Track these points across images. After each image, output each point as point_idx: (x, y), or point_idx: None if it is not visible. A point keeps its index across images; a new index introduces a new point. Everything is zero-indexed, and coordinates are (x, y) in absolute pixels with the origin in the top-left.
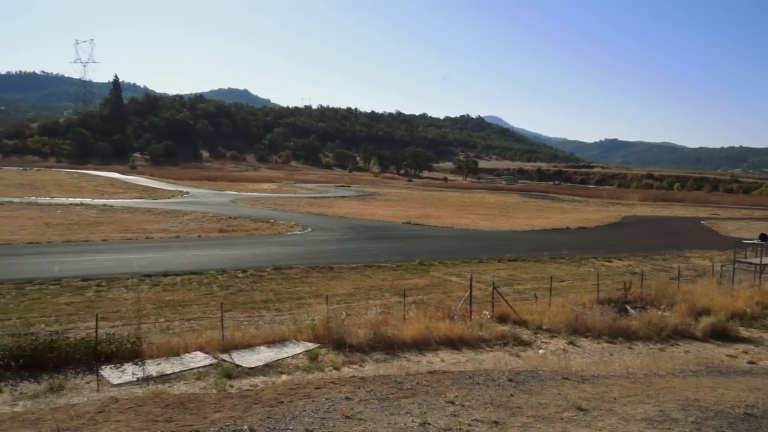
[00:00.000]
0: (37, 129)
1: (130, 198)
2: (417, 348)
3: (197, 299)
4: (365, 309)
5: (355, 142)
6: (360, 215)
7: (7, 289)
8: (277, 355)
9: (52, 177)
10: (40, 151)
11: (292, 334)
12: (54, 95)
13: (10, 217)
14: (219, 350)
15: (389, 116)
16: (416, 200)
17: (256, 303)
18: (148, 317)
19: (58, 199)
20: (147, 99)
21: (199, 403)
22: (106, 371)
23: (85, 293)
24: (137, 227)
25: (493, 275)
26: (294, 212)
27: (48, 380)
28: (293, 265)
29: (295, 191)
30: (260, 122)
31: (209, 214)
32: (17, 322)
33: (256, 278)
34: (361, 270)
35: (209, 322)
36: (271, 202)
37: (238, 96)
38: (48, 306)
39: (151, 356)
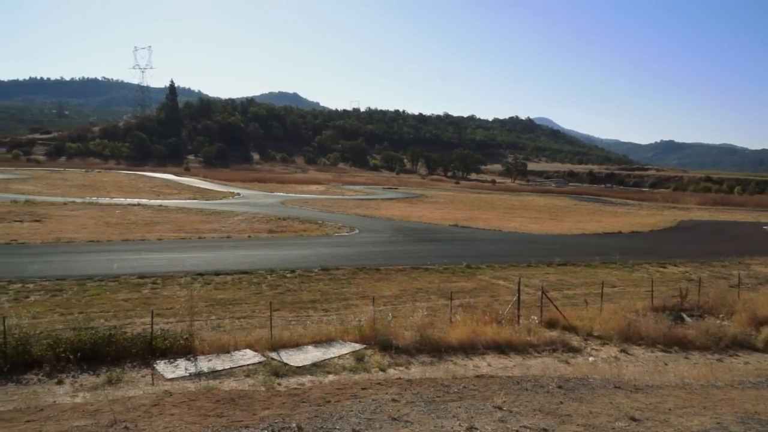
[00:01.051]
0: (98, 132)
1: (184, 199)
2: (464, 351)
3: (247, 298)
4: (411, 311)
5: (403, 145)
6: (407, 217)
7: (69, 285)
8: (324, 354)
9: (111, 178)
10: (101, 153)
11: (338, 335)
12: (114, 100)
13: (73, 216)
14: (268, 348)
15: (437, 118)
16: (463, 202)
17: (303, 303)
18: (200, 315)
19: (117, 200)
20: (201, 103)
21: (249, 399)
22: (160, 366)
23: (142, 290)
24: (190, 227)
25: (541, 279)
26: (341, 214)
27: (106, 373)
28: (340, 266)
29: (343, 193)
30: (309, 125)
31: (259, 215)
32: (78, 316)
33: (304, 278)
34: (407, 272)
35: (258, 320)
36: (319, 203)
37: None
38: (107, 302)
39: (202, 352)
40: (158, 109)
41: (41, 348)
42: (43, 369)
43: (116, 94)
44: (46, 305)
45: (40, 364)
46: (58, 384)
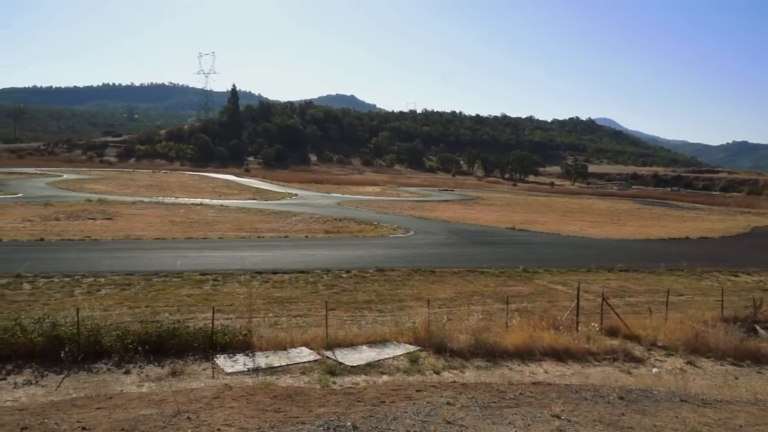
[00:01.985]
0: (164, 135)
1: (244, 199)
2: (519, 357)
3: (303, 297)
4: (467, 314)
5: (459, 146)
6: (463, 219)
7: (137, 280)
8: (378, 355)
9: (176, 179)
10: (167, 155)
11: (393, 336)
12: (180, 104)
13: (141, 214)
14: (323, 347)
15: (494, 119)
16: (521, 205)
17: (358, 303)
18: (258, 312)
19: (181, 200)
20: (261, 106)
21: (305, 396)
22: (220, 360)
23: (203, 286)
24: (250, 226)
25: (602, 285)
26: (397, 215)
27: (170, 365)
28: (395, 268)
29: (399, 194)
30: (366, 127)
31: (316, 216)
32: (145, 310)
33: (359, 279)
34: (463, 275)
35: (314, 319)
36: (374, 204)
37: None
38: (171, 297)
39: (260, 349)
40: (221, 112)
41: (111, 339)
42: (112, 359)
43: (181, 98)
44: (115, 298)
45: (110, 354)
46: (126, 374)
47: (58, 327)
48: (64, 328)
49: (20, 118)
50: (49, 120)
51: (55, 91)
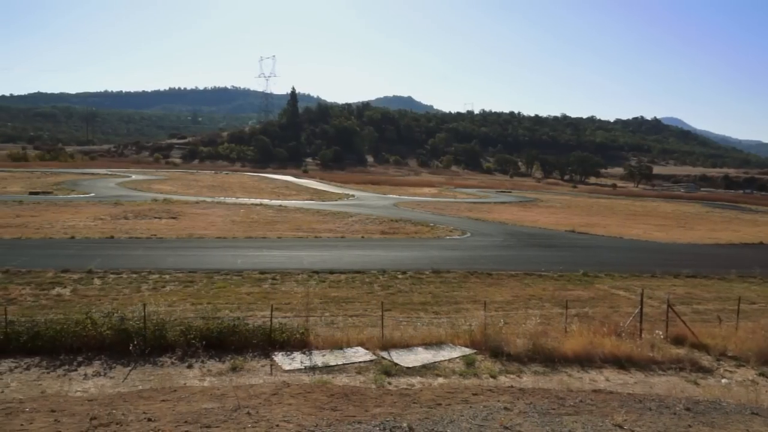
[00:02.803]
0: (226, 137)
1: (302, 199)
2: (579, 364)
3: (359, 297)
4: (524, 318)
5: (518, 147)
6: (520, 221)
7: (199, 277)
8: (434, 357)
9: (237, 180)
10: (229, 156)
11: (449, 338)
12: (242, 107)
13: (204, 214)
14: (378, 347)
15: (554, 120)
16: (581, 207)
17: (414, 304)
18: (315, 311)
19: (241, 200)
20: (319, 108)
21: (361, 396)
22: (278, 357)
23: (262, 285)
24: (308, 227)
25: (667, 292)
26: (453, 217)
27: (230, 360)
28: (452, 270)
29: (455, 196)
30: (423, 128)
31: (372, 217)
32: (207, 306)
33: (415, 280)
34: (520, 278)
35: (370, 319)
36: (431, 206)
37: (403, 103)
38: (231, 294)
39: (317, 347)
40: (280, 114)
41: (175, 334)
42: (175, 353)
43: (243, 101)
44: (179, 295)
45: (173, 348)
46: (188, 368)
47: (126, 321)
48: (131, 323)
49: (92, 122)
50: (120, 123)
51: (125, 95)
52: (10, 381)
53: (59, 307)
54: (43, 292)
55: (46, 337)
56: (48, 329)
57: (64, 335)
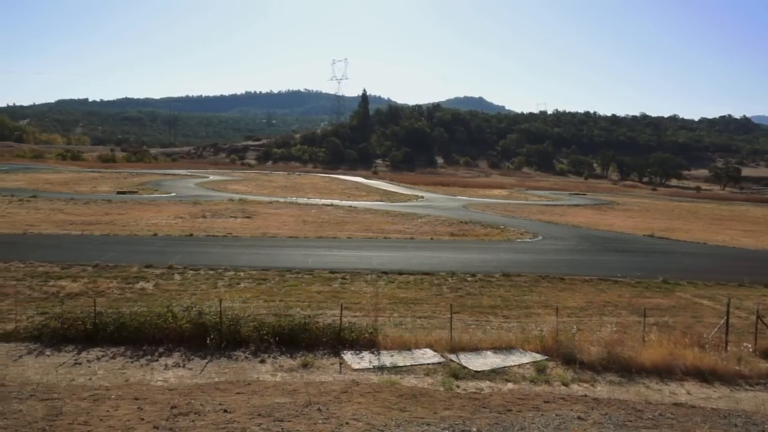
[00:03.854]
0: (299, 139)
1: (372, 200)
2: (658, 375)
3: (428, 299)
4: (598, 325)
5: (593, 148)
6: (595, 225)
7: (272, 275)
8: (503, 362)
9: (309, 180)
10: (301, 158)
11: (518, 343)
12: (314, 109)
13: (276, 214)
14: (447, 350)
15: (632, 119)
16: (661, 211)
17: (483, 308)
18: (384, 311)
19: (313, 200)
20: (389, 110)
21: (430, 398)
22: (347, 356)
23: (332, 284)
24: (377, 227)
25: (756, 302)
26: (524, 219)
27: (301, 357)
28: (522, 273)
29: (527, 198)
30: (494, 129)
31: (441, 218)
32: (279, 304)
33: (484, 283)
34: (594, 283)
35: (438, 321)
36: (501, 208)
37: (473, 104)
38: (302, 292)
39: (385, 347)
40: (351, 116)
41: (248, 329)
42: (249, 348)
43: (315, 103)
44: (253, 292)
45: (247, 343)
46: (261, 363)
47: (203, 315)
48: (208, 317)
49: (174, 125)
50: (199, 126)
51: (204, 99)
52: (97, 369)
53: (143, 300)
54: (128, 286)
55: (130, 328)
56: (132, 321)
57: (147, 327)
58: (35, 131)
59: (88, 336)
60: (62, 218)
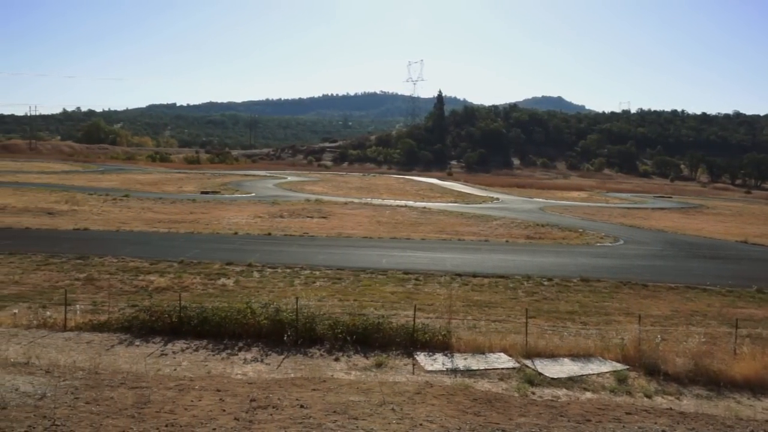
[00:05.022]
0: (374, 141)
1: (446, 202)
2: (750, 390)
3: (503, 302)
4: (685, 335)
5: (680, 149)
6: (682, 230)
7: (347, 275)
8: (581, 370)
9: (383, 182)
10: (376, 159)
11: (598, 351)
12: (389, 111)
13: (351, 214)
14: (522, 355)
15: (724, 118)
16: (756, 216)
17: (560, 313)
18: (457, 313)
19: (387, 201)
20: (465, 111)
21: (505, 403)
22: (420, 357)
23: (406, 285)
24: (451, 229)
25: None
26: (605, 222)
27: (375, 357)
28: (602, 278)
29: (607, 201)
30: (573, 129)
31: (517, 221)
32: (353, 303)
33: (561, 288)
34: (680, 291)
35: (513, 325)
36: (580, 211)
37: (552, 103)
38: (376, 293)
39: (458, 350)
40: (426, 117)
41: (323, 327)
42: (324, 346)
43: (390, 105)
44: (328, 290)
45: (322, 341)
46: (336, 361)
47: (280, 312)
48: (285, 314)
49: (255, 128)
50: (278, 128)
51: (283, 102)
52: (181, 360)
53: (223, 296)
54: (210, 282)
55: (212, 322)
56: (214, 316)
57: (228, 322)
58: (128, 134)
59: (174, 328)
60: (151, 216)
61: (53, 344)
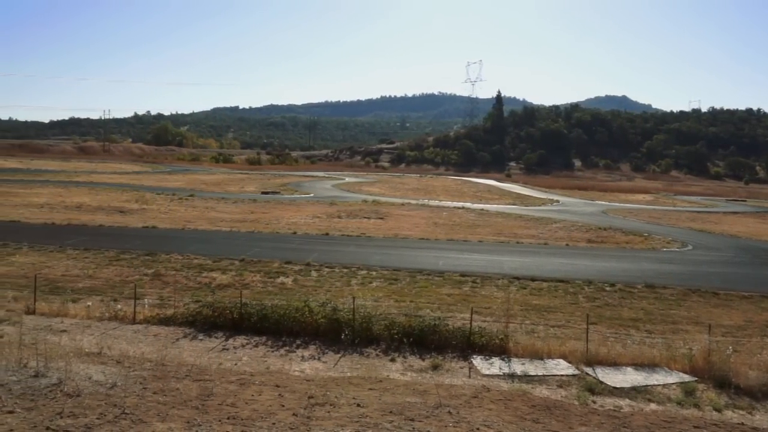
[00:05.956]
0: (432, 142)
1: (504, 204)
2: None
3: (562, 307)
4: (759, 347)
5: (755, 149)
6: (758, 235)
7: (403, 276)
8: (645, 380)
9: (440, 183)
10: (433, 160)
11: (663, 361)
12: (447, 112)
13: (408, 215)
14: (582, 362)
15: None
16: None
17: (623, 320)
18: (515, 317)
19: (444, 203)
20: (525, 111)
21: (565, 411)
22: (476, 361)
23: (462, 287)
24: (509, 232)
25: None
26: (672, 227)
27: (430, 359)
28: (668, 285)
29: (674, 204)
30: (638, 129)
31: (578, 224)
32: (410, 304)
33: (624, 294)
34: (755, 301)
35: (573, 331)
36: (645, 214)
37: (616, 103)
38: (433, 294)
39: (516, 355)
40: (485, 118)
41: (380, 328)
42: (380, 346)
43: (449, 106)
44: (384, 291)
45: (378, 341)
46: (391, 361)
47: (338, 312)
48: (342, 313)
49: (314, 129)
50: (336, 130)
51: (342, 104)
52: (242, 355)
53: (283, 294)
54: (270, 280)
55: (271, 319)
56: (273, 313)
57: (286, 320)
58: (193, 136)
59: (235, 324)
60: (214, 215)
61: (123, 336)
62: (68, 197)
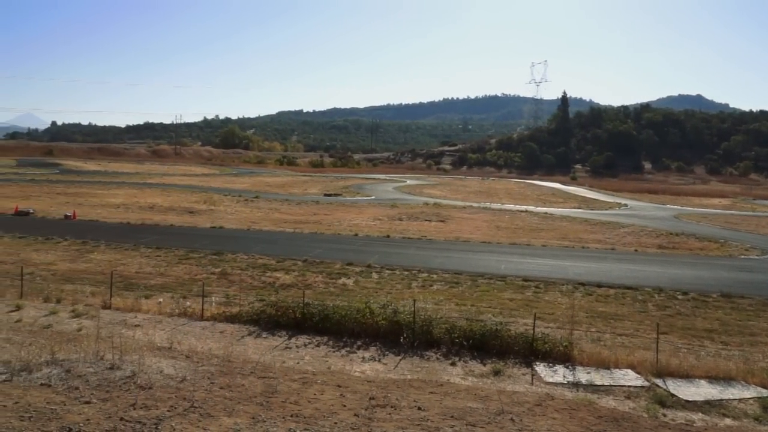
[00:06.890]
0: (494, 144)
1: (569, 207)
2: None
3: (630, 315)
4: None
5: None
6: None
7: (464, 279)
8: (720, 393)
9: (503, 186)
10: (496, 163)
11: (740, 374)
12: (511, 114)
13: (469, 218)
14: (651, 373)
15: None
16: None
17: (697, 330)
18: (580, 324)
19: (506, 206)
20: (591, 112)
21: (633, 423)
22: (539, 368)
23: (525, 292)
24: (574, 236)
25: None
26: (750, 233)
27: (492, 364)
28: (747, 295)
29: (754, 208)
30: (714, 130)
31: (648, 229)
32: (471, 308)
33: (698, 303)
34: None
35: (641, 341)
36: (721, 219)
37: (690, 102)
38: (494, 299)
39: (581, 363)
40: (549, 120)
41: (440, 331)
42: (440, 349)
43: (512, 108)
44: (445, 294)
45: (438, 345)
46: (452, 365)
47: (398, 314)
48: (402, 316)
49: (376, 132)
50: (398, 133)
51: (404, 107)
52: (304, 354)
53: (344, 295)
54: (331, 281)
55: (333, 320)
56: (335, 314)
57: (347, 320)
58: (259, 140)
59: (297, 323)
60: (278, 217)
61: (192, 332)
62: (142, 198)
